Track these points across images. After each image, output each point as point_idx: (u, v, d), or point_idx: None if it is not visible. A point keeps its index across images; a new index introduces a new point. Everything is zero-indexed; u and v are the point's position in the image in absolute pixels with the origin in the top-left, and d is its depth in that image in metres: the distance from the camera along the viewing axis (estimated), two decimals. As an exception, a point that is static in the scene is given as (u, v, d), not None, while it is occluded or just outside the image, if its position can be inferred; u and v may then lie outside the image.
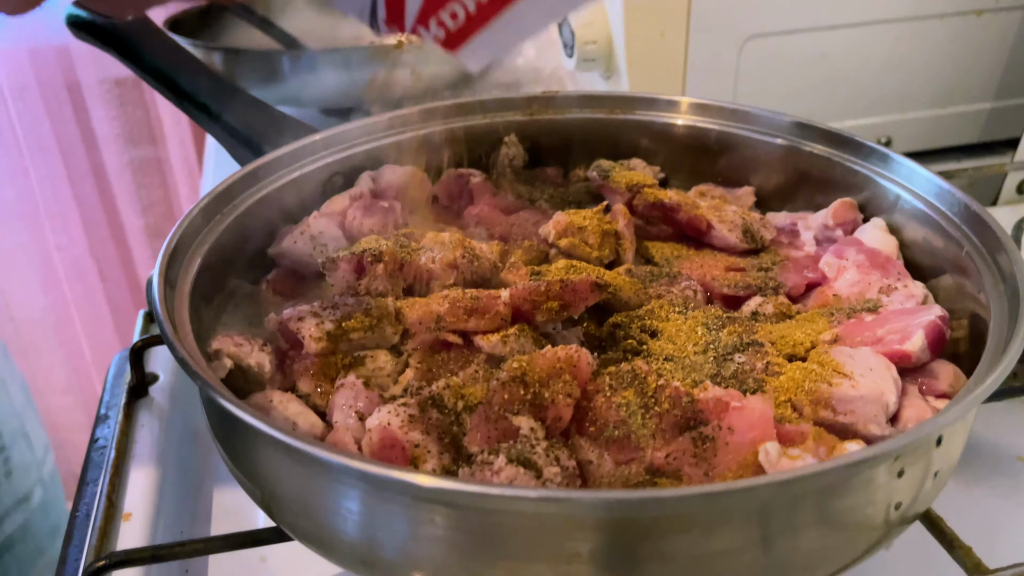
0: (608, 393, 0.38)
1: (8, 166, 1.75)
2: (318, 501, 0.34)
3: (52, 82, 1.62)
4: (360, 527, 0.33)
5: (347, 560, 0.35)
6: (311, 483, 0.34)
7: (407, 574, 0.33)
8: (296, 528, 0.36)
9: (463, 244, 0.48)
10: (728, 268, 0.53)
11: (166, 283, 0.41)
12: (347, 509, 0.33)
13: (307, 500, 0.34)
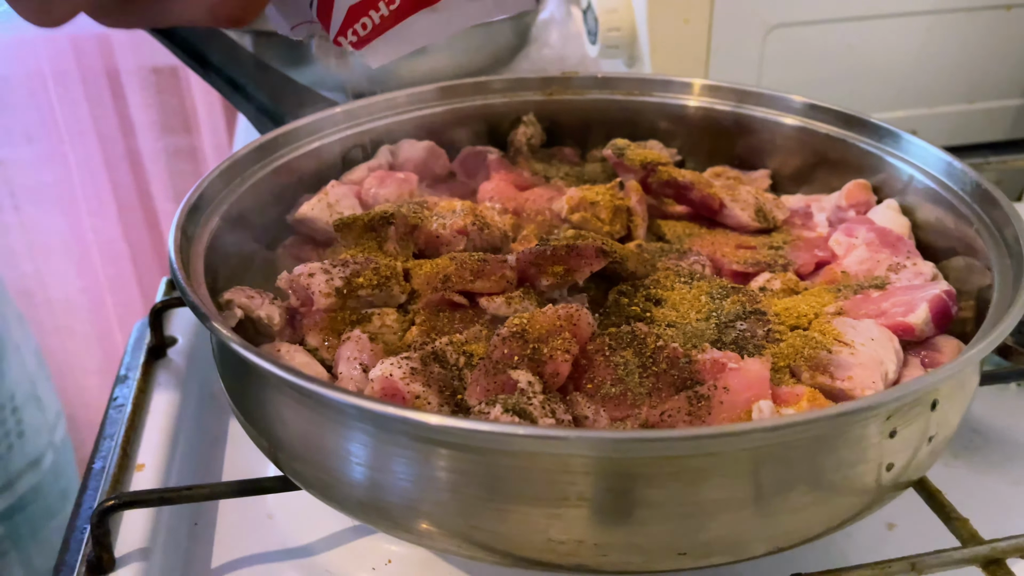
0: (607, 352, 0.38)
1: (48, 150, 1.80)
2: (320, 443, 0.35)
3: (92, 69, 1.66)
4: (362, 469, 0.34)
5: (349, 506, 0.36)
6: (314, 424, 0.35)
7: (407, 518, 0.34)
8: (300, 475, 0.37)
9: (474, 212, 0.49)
10: (739, 246, 0.53)
11: (183, 236, 0.43)
12: (347, 450, 0.34)
13: (310, 442, 0.35)
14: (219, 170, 0.51)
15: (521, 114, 0.65)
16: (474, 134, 0.65)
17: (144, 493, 0.40)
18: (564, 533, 0.32)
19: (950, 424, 0.36)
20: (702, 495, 0.31)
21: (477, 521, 0.33)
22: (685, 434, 0.29)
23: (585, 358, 0.38)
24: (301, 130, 0.58)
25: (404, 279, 0.44)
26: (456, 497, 0.33)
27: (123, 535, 0.44)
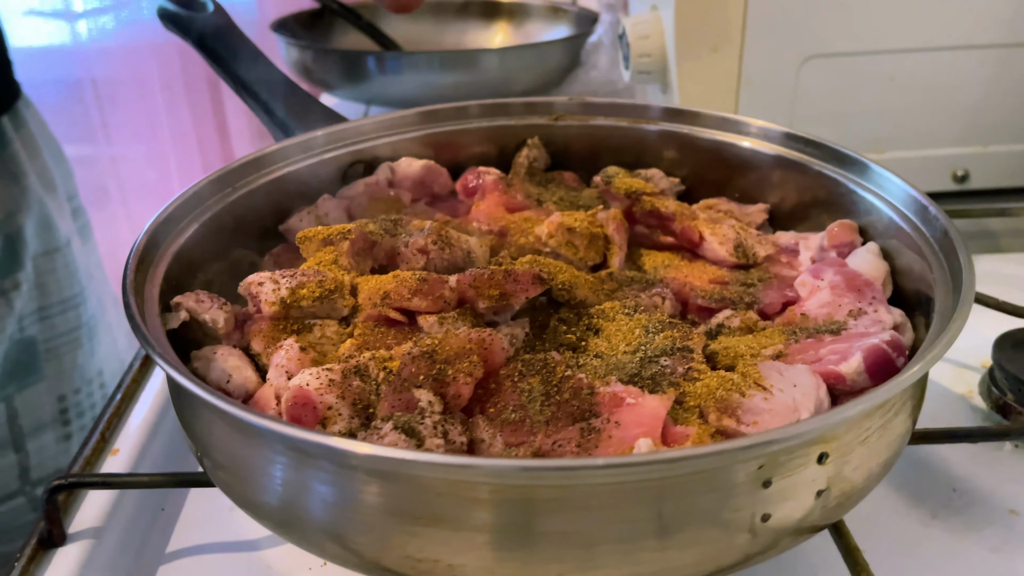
0: (516, 378, 0.39)
1: (153, 151, 1.93)
2: (232, 453, 0.37)
3: (195, 77, 1.77)
4: (265, 482, 0.36)
5: (260, 516, 0.38)
6: (226, 436, 0.36)
7: (312, 535, 0.35)
8: (220, 481, 0.39)
9: (438, 231, 0.50)
10: (712, 281, 0.52)
11: (148, 242, 0.46)
12: (249, 461, 0.35)
13: (224, 451, 0.37)
14: (207, 180, 0.54)
15: (529, 137, 0.66)
16: (482, 155, 0.67)
17: (88, 476, 0.43)
18: (454, 557, 0.32)
19: (851, 480, 0.34)
20: (555, 528, 0.31)
21: (364, 539, 0.34)
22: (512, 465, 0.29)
23: (495, 382, 0.39)
24: (304, 143, 0.61)
25: (351, 293, 0.45)
26: (350, 517, 0.34)
27: (81, 514, 0.47)
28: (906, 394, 0.36)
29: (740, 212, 0.59)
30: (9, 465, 0.81)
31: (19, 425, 0.82)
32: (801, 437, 0.31)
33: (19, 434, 0.82)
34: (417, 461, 0.29)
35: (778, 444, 0.31)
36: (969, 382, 0.59)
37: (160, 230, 0.48)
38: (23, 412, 0.82)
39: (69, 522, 0.46)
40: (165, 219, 0.49)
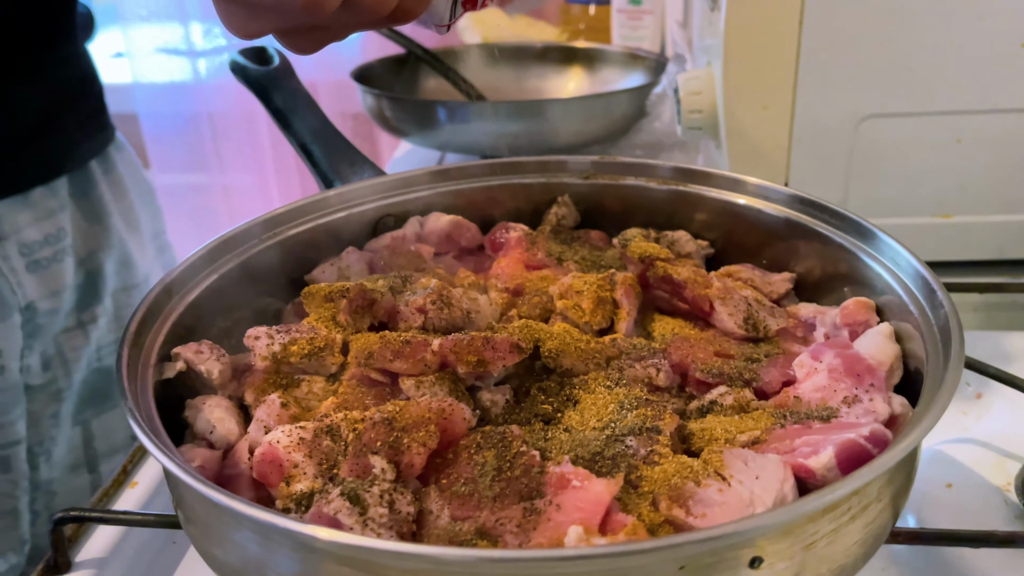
0: (473, 450, 0.39)
1: (259, 181, 2.04)
2: (197, 515, 0.38)
3: (300, 112, 1.87)
4: (219, 543, 0.37)
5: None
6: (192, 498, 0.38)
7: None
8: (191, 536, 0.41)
9: (439, 292, 0.51)
10: (716, 353, 0.51)
11: (165, 291, 0.49)
12: (208, 525, 0.37)
13: (193, 513, 0.39)
14: (243, 227, 0.57)
15: (561, 194, 0.66)
16: (516, 211, 0.68)
17: (91, 510, 0.46)
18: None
19: (794, 590, 0.33)
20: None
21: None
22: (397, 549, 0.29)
23: (453, 453, 0.39)
24: (344, 195, 0.63)
25: (343, 351, 0.47)
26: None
27: (90, 544, 0.50)
28: (863, 497, 0.34)
29: (763, 280, 0.57)
30: (83, 484, 0.87)
31: (94, 448, 0.88)
32: (724, 540, 0.30)
33: (93, 456, 0.88)
34: (314, 537, 0.30)
35: (697, 546, 0.30)
36: (1008, 473, 0.55)
37: (181, 277, 0.51)
38: (99, 436, 0.88)
39: (78, 551, 0.49)
40: (189, 266, 0.52)
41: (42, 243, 0.77)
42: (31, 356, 0.79)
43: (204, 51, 2.12)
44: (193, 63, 2.16)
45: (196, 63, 2.16)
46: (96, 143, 0.86)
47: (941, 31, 0.69)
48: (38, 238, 0.77)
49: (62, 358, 0.82)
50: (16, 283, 0.75)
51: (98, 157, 0.86)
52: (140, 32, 2.07)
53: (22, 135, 0.76)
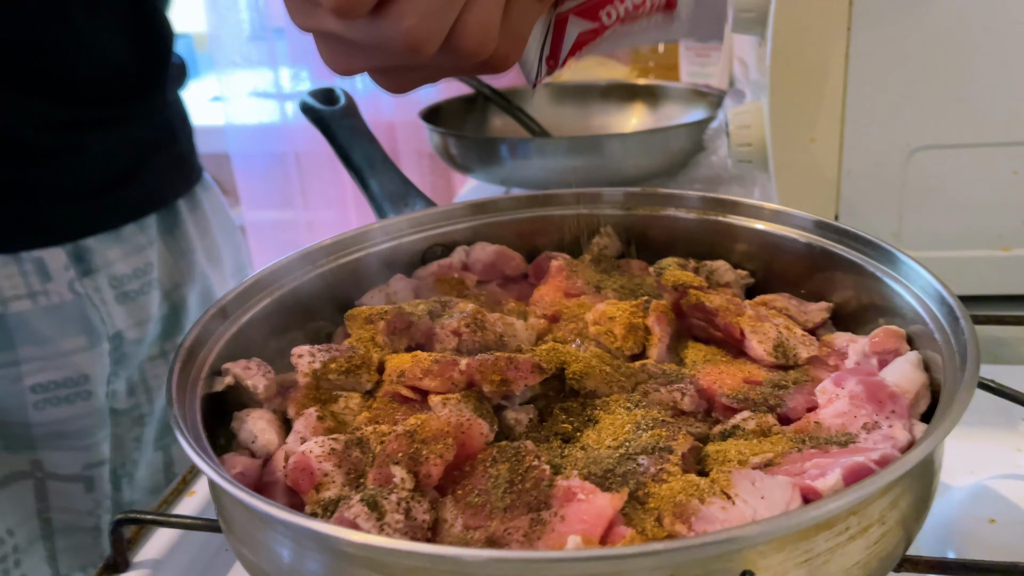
0: (488, 463, 0.41)
1: (340, 217, 2.12)
2: (234, 519, 0.41)
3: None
4: (257, 549, 0.40)
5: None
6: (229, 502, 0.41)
7: None
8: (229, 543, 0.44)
9: (474, 315, 0.53)
10: (746, 380, 0.51)
11: (220, 311, 0.53)
12: (242, 528, 0.40)
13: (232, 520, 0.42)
14: (298, 254, 0.61)
15: (603, 225, 0.68)
16: (560, 241, 0.70)
17: (145, 512, 0.49)
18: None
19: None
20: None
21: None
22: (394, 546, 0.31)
23: (470, 466, 0.41)
24: (396, 224, 0.67)
25: (378, 370, 0.50)
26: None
27: (149, 546, 0.54)
28: (863, 518, 0.34)
29: (798, 310, 0.58)
30: None
31: (173, 471, 0.93)
32: (709, 548, 0.31)
33: (172, 479, 0.93)
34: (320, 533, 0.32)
35: (681, 554, 0.31)
36: (1058, 511, 0.53)
37: (237, 300, 0.55)
38: (178, 460, 0.94)
39: (137, 552, 0.53)
40: (245, 289, 0.56)
41: (131, 276, 0.83)
42: (117, 382, 0.84)
43: (292, 94, 2.23)
44: (281, 105, 2.28)
45: (284, 106, 2.27)
46: (184, 184, 0.92)
47: (993, 60, 0.69)
48: (127, 271, 0.82)
49: (145, 385, 0.88)
50: (105, 313, 0.80)
51: (185, 196, 0.92)
52: (234, 78, 2.20)
53: (116, 177, 0.82)
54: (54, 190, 0.76)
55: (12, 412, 0.75)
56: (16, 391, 0.74)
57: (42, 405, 0.76)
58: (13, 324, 0.73)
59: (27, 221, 0.74)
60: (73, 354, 0.77)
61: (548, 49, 0.46)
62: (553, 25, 0.45)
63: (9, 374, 0.74)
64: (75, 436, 0.79)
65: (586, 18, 0.45)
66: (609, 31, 0.46)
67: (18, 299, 0.73)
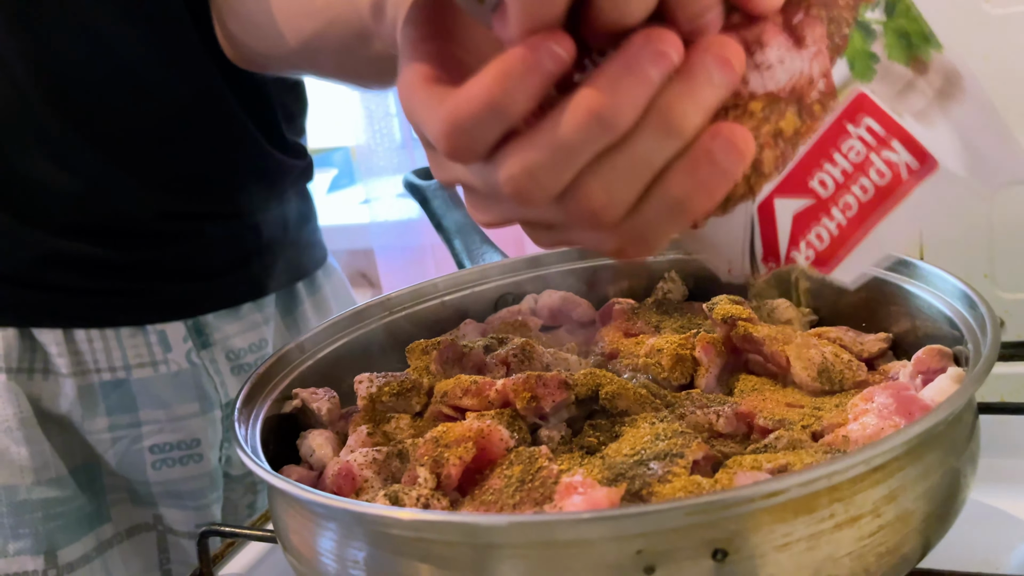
0: (505, 466, 0.43)
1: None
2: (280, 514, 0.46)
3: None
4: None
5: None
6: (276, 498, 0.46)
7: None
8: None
9: (522, 346, 0.56)
10: (788, 404, 0.51)
11: (298, 347, 0.59)
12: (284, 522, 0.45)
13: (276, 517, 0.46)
14: (375, 301, 0.66)
15: (668, 271, 0.70)
16: (630, 288, 0.72)
17: (224, 525, 0.55)
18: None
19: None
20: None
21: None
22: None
23: (489, 469, 0.44)
24: (469, 275, 0.72)
25: (428, 394, 0.54)
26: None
27: (236, 560, 0.59)
28: (849, 506, 0.34)
29: (854, 340, 0.57)
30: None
31: None
32: (675, 517, 0.32)
33: None
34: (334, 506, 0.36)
35: (645, 519, 0.32)
36: None
37: (315, 338, 0.61)
38: None
39: (223, 567, 0.58)
40: (324, 328, 0.62)
41: (247, 350, 0.87)
42: (231, 448, 0.89)
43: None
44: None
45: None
46: (304, 268, 0.96)
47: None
48: (243, 346, 0.87)
49: None
50: (220, 383, 0.85)
51: (305, 280, 0.96)
52: (382, 182, 2.39)
53: (235, 260, 0.86)
54: (175, 271, 0.82)
55: (134, 470, 0.82)
56: (137, 450, 0.81)
57: (159, 465, 0.82)
58: (136, 389, 0.80)
59: (151, 297, 0.81)
60: (187, 419, 0.83)
61: (760, 246, 0.38)
62: (757, 217, 0.37)
63: (131, 434, 0.81)
64: (188, 496, 0.84)
65: (793, 195, 0.36)
66: (854, 213, 0.36)
67: (141, 366, 0.81)
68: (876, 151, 0.35)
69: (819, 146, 0.35)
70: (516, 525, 0.33)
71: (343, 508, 0.37)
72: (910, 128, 0.35)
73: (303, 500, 0.38)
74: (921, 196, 0.36)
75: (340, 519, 0.40)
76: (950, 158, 0.35)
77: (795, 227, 0.37)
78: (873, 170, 0.36)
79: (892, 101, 0.35)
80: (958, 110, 0.35)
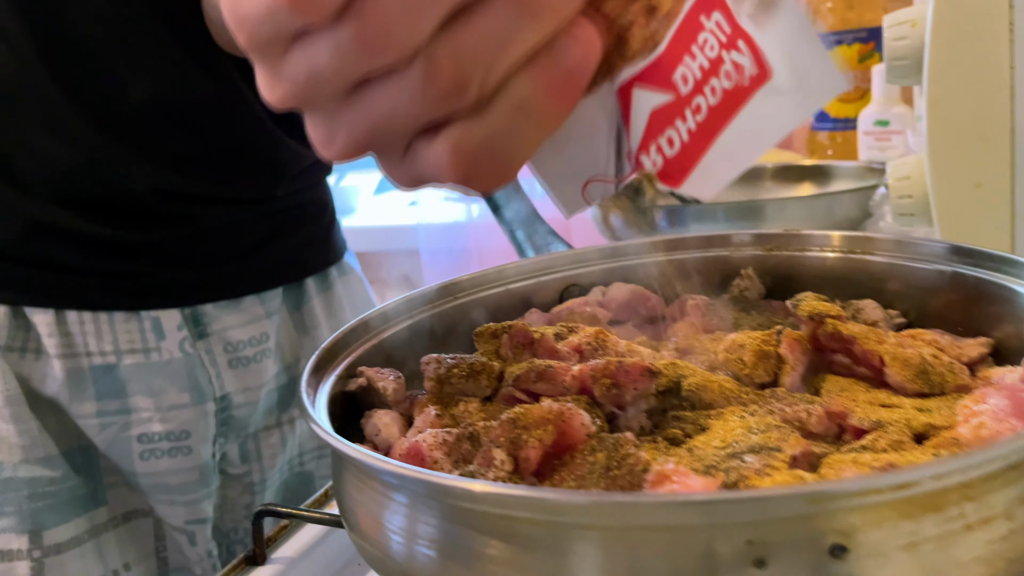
0: (587, 452, 0.41)
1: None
2: (343, 489, 0.44)
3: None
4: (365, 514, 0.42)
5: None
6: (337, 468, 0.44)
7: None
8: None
9: (596, 334, 0.54)
10: (882, 404, 0.48)
11: (363, 324, 0.57)
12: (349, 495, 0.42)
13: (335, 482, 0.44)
14: (437, 286, 0.64)
15: (744, 267, 0.67)
16: (701, 284, 0.69)
17: (280, 506, 0.53)
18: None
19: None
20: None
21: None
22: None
23: (568, 455, 0.41)
24: (535, 264, 0.69)
25: (498, 378, 0.51)
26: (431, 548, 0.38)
27: (289, 543, 0.57)
28: (981, 507, 0.31)
29: (951, 345, 0.53)
30: None
31: None
32: (794, 505, 0.29)
33: None
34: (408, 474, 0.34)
35: (764, 506, 0.29)
36: None
37: (380, 317, 0.59)
38: None
39: (276, 549, 0.57)
40: (390, 308, 0.60)
41: (246, 343, 0.84)
42: (229, 445, 0.87)
43: (476, 198, 2.38)
44: (467, 206, 2.43)
45: (470, 207, 2.42)
46: (315, 264, 0.92)
47: None
48: (243, 339, 0.84)
49: (259, 454, 0.89)
50: (215, 375, 0.83)
51: (316, 276, 0.92)
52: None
53: (240, 250, 0.84)
54: (172, 256, 0.80)
55: (123, 459, 0.80)
56: (125, 438, 0.79)
57: (146, 455, 0.80)
58: (126, 375, 0.78)
59: (145, 281, 0.79)
60: (177, 409, 0.80)
61: (627, 138, 0.36)
62: (618, 99, 0.35)
63: (120, 421, 0.79)
64: (176, 491, 0.82)
65: (656, 86, 0.35)
66: (703, 117, 0.36)
67: (133, 352, 0.79)
68: (726, 48, 0.33)
69: (680, 36, 0.33)
70: (613, 505, 0.30)
71: (419, 478, 0.35)
72: (748, 28, 0.33)
73: (376, 470, 0.36)
74: (757, 106, 0.35)
75: (413, 490, 0.38)
76: (780, 66, 0.34)
77: (650, 125, 0.35)
78: (723, 70, 0.34)
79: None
80: (780, 21, 0.33)
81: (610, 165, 0.38)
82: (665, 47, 0.33)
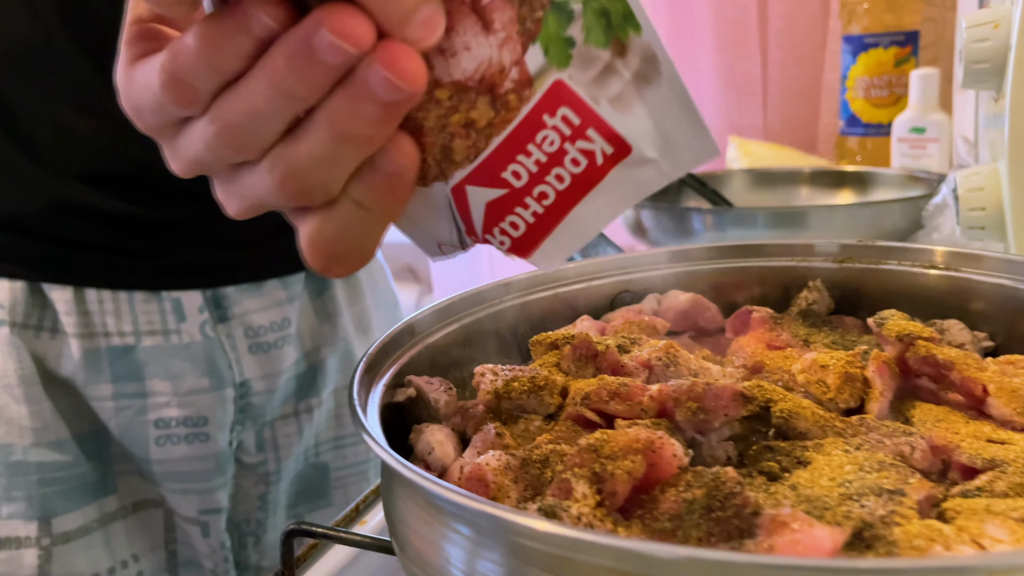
0: (682, 488, 0.36)
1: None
2: (395, 508, 0.39)
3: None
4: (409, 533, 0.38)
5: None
6: (389, 487, 0.39)
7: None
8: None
9: (667, 347, 0.49)
10: (989, 440, 0.44)
11: (408, 328, 0.52)
12: (401, 514, 0.38)
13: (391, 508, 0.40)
14: (491, 285, 0.60)
15: (812, 279, 0.62)
16: (762, 296, 0.65)
17: (313, 525, 0.48)
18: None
19: None
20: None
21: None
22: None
23: (659, 490, 0.37)
24: (585, 267, 0.65)
25: (561, 394, 0.47)
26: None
27: (320, 564, 0.52)
28: None
29: (1054, 373, 0.49)
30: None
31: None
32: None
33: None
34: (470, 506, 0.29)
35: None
36: None
37: (425, 321, 0.54)
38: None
39: (306, 568, 0.52)
40: (434, 312, 0.55)
41: (268, 328, 0.81)
42: (245, 433, 0.83)
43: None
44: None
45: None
46: None
47: None
48: (264, 323, 0.81)
49: (275, 443, 0.86)
50: (235, 359, 0.79)
51: None
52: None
53: (262, 233, 0.80)
54: (197, 235, 0.77)
55: (137, 445, 0.76)
56: (140, 423, 0.76)
57: (162, 441, 0.77)
58: (144, 357, 0.75)
59: (167, 260, 0.76)
60: (196, 394, 0.77)
61: (462, 223, 0.38)
62: (453, 199, 0.37)
63: (136, 405, 0.75)
64: (190, 478, 0.78)
65: (486, 185, 0.36)
66: (552, 200, 0.36)
67: (152, 334, 0.75)
68: (571, 140, 0.35)
69: (513, 138, 0.35)
70: (752, 567, 0.26)
71: (489, 512, 0.30)
72: (606, 115, 0.35)
73: (439, 499, 0.31)
74: (615, 178, 0.36)
75: (476, 523, 0.33)
76: (644, 141, 0.35)
77: (488, 215, 0.37)
78: (568, 159, 0.35)
79: (590, 87, 0.34)
80: (653, 93, 0.34)
81: (455, 239, 0.40)
82: (493, 150, 0.35)
